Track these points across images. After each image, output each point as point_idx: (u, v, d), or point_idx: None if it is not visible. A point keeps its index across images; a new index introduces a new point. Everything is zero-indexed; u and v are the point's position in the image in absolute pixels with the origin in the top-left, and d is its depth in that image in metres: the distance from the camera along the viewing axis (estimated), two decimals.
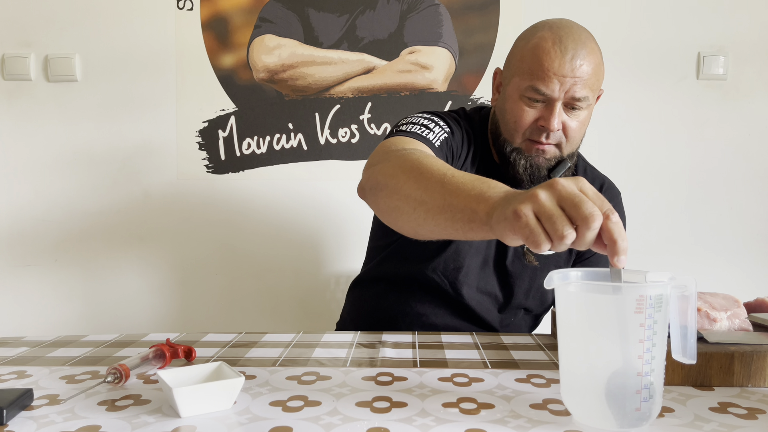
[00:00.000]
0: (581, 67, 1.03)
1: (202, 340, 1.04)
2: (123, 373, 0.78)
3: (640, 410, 0.62)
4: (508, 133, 1.11)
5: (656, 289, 0.61)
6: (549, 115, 1.05)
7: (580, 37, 1.04)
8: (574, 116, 1.07)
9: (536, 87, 1.04)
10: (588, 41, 1.06)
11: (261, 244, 1.89)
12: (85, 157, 1.91)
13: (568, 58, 1.02)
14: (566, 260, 1.23)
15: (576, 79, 1.03)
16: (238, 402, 0.73)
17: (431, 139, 1.05)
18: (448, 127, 1.11)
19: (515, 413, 0.69)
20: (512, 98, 1.09)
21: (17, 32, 1.89)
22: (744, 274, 1.86)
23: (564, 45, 1.03)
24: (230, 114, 1.89)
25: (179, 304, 1.94)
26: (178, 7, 1.87)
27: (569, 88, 1.03)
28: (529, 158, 1.10)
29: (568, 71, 1.02)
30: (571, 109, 1.06)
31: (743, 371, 0.77)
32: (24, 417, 0.69)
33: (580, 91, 1.04)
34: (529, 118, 1.07)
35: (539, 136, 1.07)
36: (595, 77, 1.06)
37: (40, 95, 1.90)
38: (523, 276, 1.20)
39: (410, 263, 1.21)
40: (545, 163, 1.10)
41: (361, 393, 0.76)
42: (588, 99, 1.06)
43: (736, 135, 1.86)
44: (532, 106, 1.06)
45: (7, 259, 1.93)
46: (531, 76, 1.04)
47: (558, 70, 1.02)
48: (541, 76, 1.03)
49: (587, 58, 1.03)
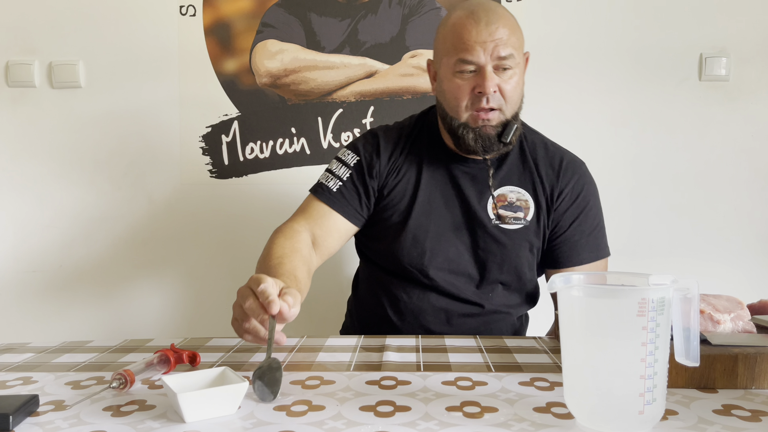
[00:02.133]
0: (498, 30, 1.11)
1: (206, 345, 1.05)
2: (128, 378, 0.79)
3: (644, 413, 0.62)
4: (452, 111, 1.18)
5: (659, 292, 0.61)
6: (483, 81, 1.12)
7: (489, 6, 1.14)
8: (506, 77, 1.14)
9: (463, 58, 1.12)
10: (498, 8, 1.15)
11: None
12: (89, 163, 1.92)
13: (483, 24, 1.11)
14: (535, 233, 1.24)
15: (496, 41, 1.11)
16: (242, 407, 0.73)
17: (330, 186, 1.24)
18: (357, 155, 1.26)
19: (519, 416, 0.70)
20: (447, 78, 1.17)
21: (21, 39, 1.90)
22: (747, 276, 1.86)
23: (477, 15, 1.12)
24: (233, 119, 1.90)
25: (183, 309, 1.94)
26: (181, 13, 1.88)
27: (493, 51, 1.11)
28: (476, 130, 1.16)
29: (486, 36, 1.11)
30: (502, 71, 1.13)
31: (747, 373, 0.77)
32: (30, 423, 0.70)
33: (504, 49, 1.12)
34: (466, 89, 1.14)
35: (479, 102, 1.14)
36: (515, 36, 1.14)
37: (44, 102, 1.91)
38: (494, 251, 1.23)
39: (385, 259, 1.27)
40: (493, 130, 1.17)
41: (365, 397, 0.76)
42: (514, 57, 1.13)
43: (738, 136, 1.85)
44: (465, 78, 1.14)
45: (13, 265, 1.94)
46: (456, 51, 1.13)
47: (478, 38, 1.11)
48: (464, 47, 1.12)
49: (500, 20, 1.12)
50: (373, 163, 1.25)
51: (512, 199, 1.22)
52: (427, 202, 1.23)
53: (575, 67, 1.85)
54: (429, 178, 1.25)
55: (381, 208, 1.26)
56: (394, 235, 1.24)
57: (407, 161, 1.26)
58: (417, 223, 1.23)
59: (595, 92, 1.85)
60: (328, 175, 1.27)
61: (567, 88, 1.85)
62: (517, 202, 1.22)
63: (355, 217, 1.25)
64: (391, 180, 1.25)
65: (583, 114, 1.85)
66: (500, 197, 1.22)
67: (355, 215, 1.25)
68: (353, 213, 1.25)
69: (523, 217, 1.22)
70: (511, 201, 1.22)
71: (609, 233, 1.76)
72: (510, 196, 1.22)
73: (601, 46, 1.85)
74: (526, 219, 1.23)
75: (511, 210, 1.22)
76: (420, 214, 1.23)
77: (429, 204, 1.23)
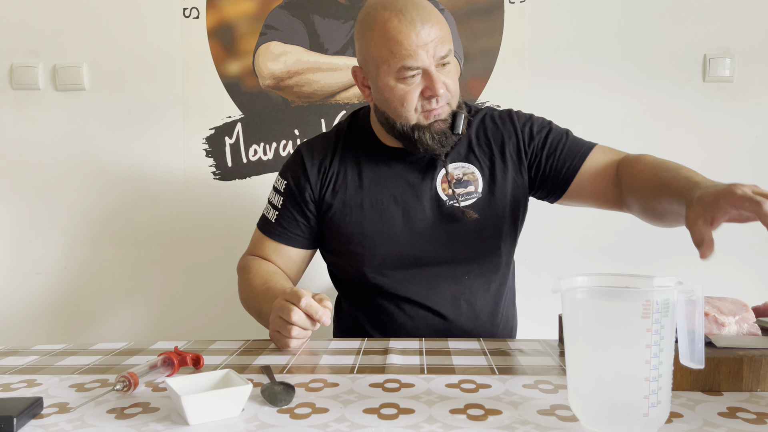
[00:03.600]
0: (433, 29, 1.09)
1: (209, 347, 1.05)
2: (132, 381, 0.79)
3: (649, 416, 0.62)
4: (400, 117, 1.15)
5: (663, 294, 0.61)
6: (432, 84, 1.10)
7: (414, 3, 1.10)
8: (447, 71, 1.13)
9: (407, 65, 1.09)
10: (421, 1, 1.12)
11: None
12: (93, 165, 1.92)
13: (419, 25, 1.07)
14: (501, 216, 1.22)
15: (435, 40, 1.09)
16: (246, 409, 0.73)
17: (270, 218, 1.27)
18: (285, 179, 1.27)
19: (523, 419, 0.69)
20: (388, 86, 1.13)
21: (25, 42, 1.90)
22: (752, 278, 1.85)
23: (409, 17, 1.08)
24: (237, 121, 1.90)
25: (187, 311, 1.94)
26: (185, 15, 1.88)
27: (434, 52, 1.09)
28: (430, 127, 1.15)
29: (425, 38, 1.08)
30: (443, 66, 1.12)
31: (752, 376, 0.77)
32: (34, 425, 0.70)
33: (442, 48, 1.10)
34: (414, 94, 1.12)
35: (430, 104, 1.13)
36: (445, 30, 1.12)
37: (48, 104, 1.91)
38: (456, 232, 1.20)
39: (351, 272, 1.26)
40: (444, 124, 1.16)
41: (369, 400, 0.76)
42: (450, 50, 1.12)
43: (743, 137, 1.85)
44: (410, 83, 1.11)
45: (17, 266, 1.94)
46: (397, 58, 1.09)
47: (418, 41, 1.07)
48: (406, 54, 1.08)
49: (431, 18, 1.09)
50: (301, 183, 1.24)
51: (458, 175, 1.21)
52: (377, 203, 1.21)
53: (579, 69, 1.85)
54: (373, 179, 1.23)
55: (329, 220, 1.24)
56: (351, 243, 1.22)
57: (342, 167, 1.24)
58: (371, 228, 1.21)
59: (599, 93, 1.85)
60: (268, 206, 1.29)
61: (571, 89, 1.85)
62: (464, 177, 1.21)
63: (298, 241, 1.26)
64: (329, 191, 1.23)
65: (587, 115, 1.85)
66: (447, 177, 1.20)
67: (297, 240, 1.26)
68: (296, 239, 1.26)
69: (474, 190, 1.20)
70: (458, 177, 1.21)
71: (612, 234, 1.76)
72: (456, 173, 1.21)
73: (605, 47, 1.84)
74: (477, 192, 1.20)
75: (461, 186, 1.20)
76: (372, 218, 1.21)
77: (379, 205, 1.21)
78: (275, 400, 0.75)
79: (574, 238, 1.87)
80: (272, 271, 1.24)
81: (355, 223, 1.22)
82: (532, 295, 1.64)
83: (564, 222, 1.84)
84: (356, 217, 1.22)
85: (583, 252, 1.87)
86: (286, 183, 1.27)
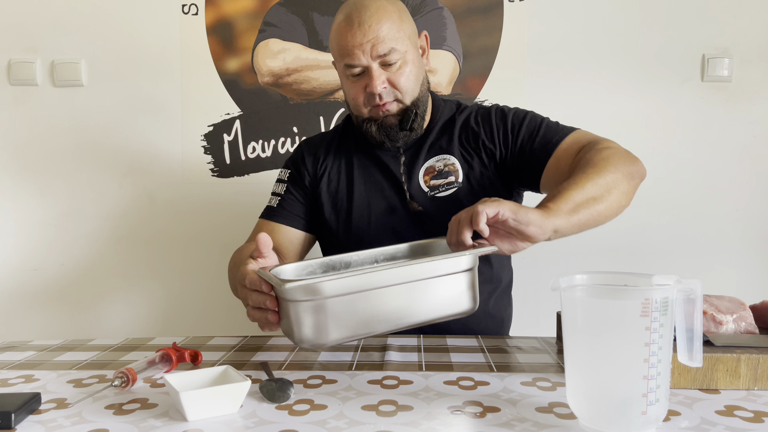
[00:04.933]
0: (371, 29, 1.12)
1: (208, 344, 1.05)
2: (130, 376, 0.79)
3: (647, 413, 0.62)
4: (354, 109, 1.23)
5: (662, 293, 0.61)
6: (370, 81, 1.15)
7: (365, 3, 1.15)
8: (394, 69, 1.16)
9: (348, 63, 1.16)
10: (373, 2, 1.15)
11: None
12: (91, 162, 1.92)
13: (356, 27, 1.13)
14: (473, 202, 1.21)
15: (372, 41, 1.12)
16: (244, 406, 0.73)
17: (272, 204, 1.30)
18: (288, 169, 1.33)
19: (521, 417, 0.70)
20: (342, 80, 1.22)
21: (23, 38, 1.90)
22: (750, 277, 1.85)
23: (350, 18, 1.14)
24: (235, 118, 1.90)
25: (185, 307, 1.94)
26: (183, 12, 1.88)
27: (371, 51, 1.13)
28: (377, 121, 1.20)
29: (361, 38, 1.12)
30: (389, 66, 1.15)
31: (750, 374, 0.77)
32: (32, 421, 0.70)
33: (383, 47, 1.13)
34: (359, 89, 1.18)
35: (373, 100, 1.17)
36: (394, 28, 1.14)
37: (46, 100, 1.91)
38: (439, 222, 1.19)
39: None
40: (394, 119, 1.20)
41: (367, 396, 0.76)
42: (396, 50, 1.14)
43: (741, 137, 1.85)
44: (357, 80, 1.18)
45: (15, 263, 1.94)
46: (341, 56, 1.17)
47: (354, 41, 1.13)
48: (346, 53, 1.15)
49: (374, 17, 1.13)
50: (301, 172, 1.31)
51: (440, 166, 1.24)
52: (362, 196, 1.25)
53: (578, 68, 1.85)
54: (359, 171, 1.28)
55: (320, 213, 1.29)
56: (338, 236, 1.26)
57: (335, 162, 1.30)
58: (358, 221, 1.25)
59: (597, 92, 1.85)
60: (271, 197, 1.34)
61: (569, 87, 1.85)
62: (445, 168, 1.24)
63: (298, 222, 1.29)
64: (324, 185, 1.29)
65: (585, 114, 1.85)
66: (429, 169, 1.24)
67: (297, 221, 1.29)
68: (296, 219, 1.29)
69: (454, 180, 1.23)
70: (439, 169, 1.24)
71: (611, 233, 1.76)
72: (437, 165, 1.24)
73: (603, 46, 1.84)
74: (458, 181, 1.23)
75: (441, 177, 1.23)
76: (358, 211, 1.25)
77: (365, 199, 1.25)
78: (273, 397, 0.75)
79: (573, 237, 1.87)
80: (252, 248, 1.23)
81: (343, 217, 1.26)
82: (531, 292, 1.64)
83: None
84: (343, 211, 1.26)
85: (582, 250, 1.87)
86: (289, 172, 1.33)
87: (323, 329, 0.81)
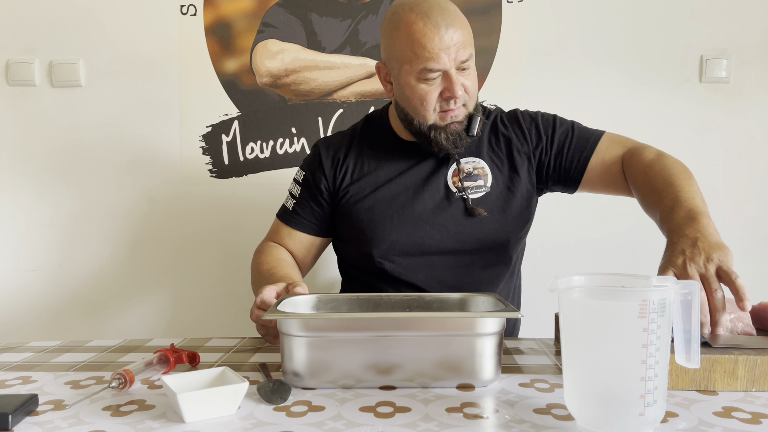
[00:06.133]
0: (456, 33, 1.11)
1: (205, 345, 1.05)
2: (127, 378, 0.79)
3: (644, 415, 0.62)
4: (419, 115, 1.19)
5: (660, 294, 0.61)
6: (451, 86, 1.13)
7: (443, 5, 1.13)
8: (467, 75, 1.16)
9: (429, 67, 1.12)
10: (447, 5, 1.14)
11: None
12: (89, 162, 1.91)
13: (443, 30, 1.10)
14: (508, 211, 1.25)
15: (457, 45, 1.11)
16: (242, 407, 0.73)
17: (288, 206, 1.34)
18: (304, 171, 1.33)
19: (519, 418, 0.70)
20: (409, 85, 1.17)
21: (21, 38, 1.89)
22: (748, 278, 1.84)
23: (434, 20, 1.11)
24: (234, 119, 1.89)
25: (183, 309, 1.94)
26: (182, 13, 1.88)
27: (456, 55, 1.12)
28: (446, 128, 1.19)
29: (448, 42, 1.10)
30: (463, 70, 1.15)
31: (747, 376, 0.77)
32: (29, 422, 0.70)
33: (464, 53, 1.13)
34: (434, 94, 1.15)
35: (448, 105, 1.16)
36: (468, 34, 1.15)
37: (44, 101, 1.91)
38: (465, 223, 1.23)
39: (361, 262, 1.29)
40: (460, 126, 1.19)
41: (365, 398, 0.76)
42: (472, 55, 1.15)
43: (738, 138, 1.85)
44: (431, 84, 1.15)
45: (12, 263, 1.94)
46: (419, 60, 1.12)
47: (441, 45, 1.10)
48: (428, 56, 1.11)
49: (455, 22, 1.12)
50: (317, 175, 1.31)
51: (469, 169, 1.25)
52: (389, 190, 1.26)
53: (576, 69, 1.85)
54: (387, 170, 1.27)
55: (344, 207, 1.29)
56: (361, 227, 1.26)
57: (359, 159, 1.29)
58: (381, 213, 1.25)
59: (595, 93, 1.85)
60: (287, 196, 1.36)
61: (568, 88, 1.85)
62: (474, 171, 1.25)
63: (312, 228, 1.32)
64: (345, 180, 1.29)
65: (583, 115, 1.84)
66: (456, 170, 1.25)
67: (310, 227, 1.32)
68: (310, 226, 1.32)
69: (483, 184, 1.24)
70: (468, 171, 1.25)
71: (609, 234, 1.76)
72: (467, 167, 1.25)
73: (601, 47, 1.85)
74: (486, 186, 1.24)
75: (471, 180, 1.24)
76: (383, 204, 1.25)
77: (391, 193, 1.26)
78: (271, 398, 0.75)
79: (572, 238, 1.88)
80: (282, 258, 1.27)
81: (367, 209, 1.26)
82: (529, 293, 1.64)
83: (561, 222, 1.84)
84: (369, 203, 1.26)
85: (580, 251, 1.88)
86: (304, 175, 1.33)
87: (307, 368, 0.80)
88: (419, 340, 0.79)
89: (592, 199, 1.85)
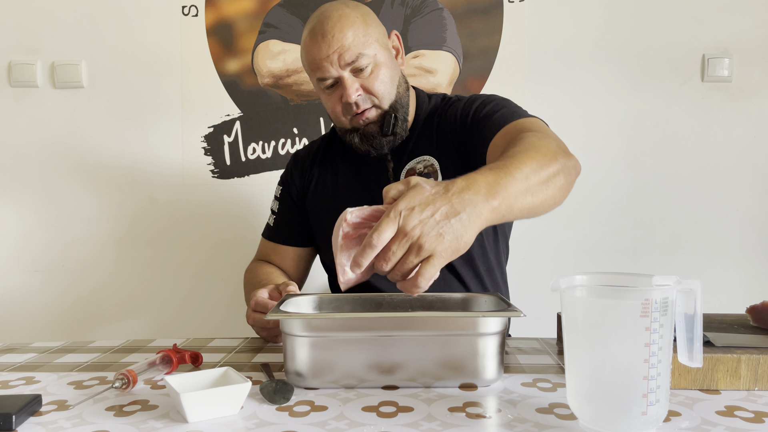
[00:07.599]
0: (335, 38, 1.11)
1: (208, 345, 1.05)
2: (130, 378, 0.79)
3: (647, 414, 0.62)
4: (337, 122, 1.22)
5: (662, 293, 0.61)
6: (344, 90, 1.13)
7: (326, 15, 1.13)
8: (366, 75, 1.14)
9: (320, 77, 1.14)
10: (334, 13, 1.13)
11: None
12: (91, 163, 1.92)
13: (320, 39, 1.11)
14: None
15: (338, 50, 1.11)
16: (244, 407, 0.73)
17: (270, 223, 1.36)
18: (281, 185, 1.36)
19: (522, 418, 0.70)
20: (319, 94, 1.20)
21: (24, 39, 1.90)
22: (750, 277, 1.85)
23: (315, 31, 1.12)
24: (235, 119, 1.90)
25: (186, 309, 1.94)
26: (183, 14, 1.88)
27: (339, 60, 1.11)
28: (359, 131, 1.18)
29: (327, 50, 1.11)
30: (360, 72, 1.13)
31: (750, 375, 0.77)
32: (33, 423, 0.70)
33: (349, 55, 1.11)
34: (335, 100, 1.16)
35: (351, 109, 1.15)
36: (359, 35, 1.12)
37: (46, 102, 1.91)
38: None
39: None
40: (374, 127, 1.18)
41: (368, 398, 0.76)
42: (365, 55, 1.12)
43: (741, 137, 1.85)
44: (332, 92, 1.16)
45: (15, 264, 1.94)
46: (312, 71, 1.16)
47: (320, 54, 1.11)
48: (315, 67, 1.14)
49: (336, 27, 1.11)
50: (290, 187, 1.33)
51: (420, 168, 1.22)
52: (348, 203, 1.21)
53: (578, 68, 1.85)
54: (346, 182, 1.27)
55: (313, 222, 1.31)
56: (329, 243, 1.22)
57: (322, 172, 1.30)
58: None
59: (597, 93, 1.85)
60: (269, 215, 1.38)
61: (569, 88, 1.85)
62: (425, 170, 1.22)
63: (295, 240, 1.33)
64: (310, 193, 1.30)
65: (585, 114, 1.85)
66: (410, 171, 1.22)
67: (292, 239, 1.33)
68: (291, 238, 1.33)
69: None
70: (419, 171, 1.22)
71: (610, 233, 1.75)
72: (417, 167, 1.22)
73: (603, 47, 1.85)
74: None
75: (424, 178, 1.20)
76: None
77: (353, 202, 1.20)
78: (274, 398, 0.75)
79: (573, 237, 1.87)
80: (271, 271, 1.29)
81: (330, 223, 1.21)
82: (531, 293, 1.64)
83: (563, 221, 1.84)
84: (332, 212, 1.21)
85: (582, 251, 1.87)
86: (281, 189, 1.36)
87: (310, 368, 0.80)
88: (422, 339, 0.79)
89: (593, 199, 1.85)
